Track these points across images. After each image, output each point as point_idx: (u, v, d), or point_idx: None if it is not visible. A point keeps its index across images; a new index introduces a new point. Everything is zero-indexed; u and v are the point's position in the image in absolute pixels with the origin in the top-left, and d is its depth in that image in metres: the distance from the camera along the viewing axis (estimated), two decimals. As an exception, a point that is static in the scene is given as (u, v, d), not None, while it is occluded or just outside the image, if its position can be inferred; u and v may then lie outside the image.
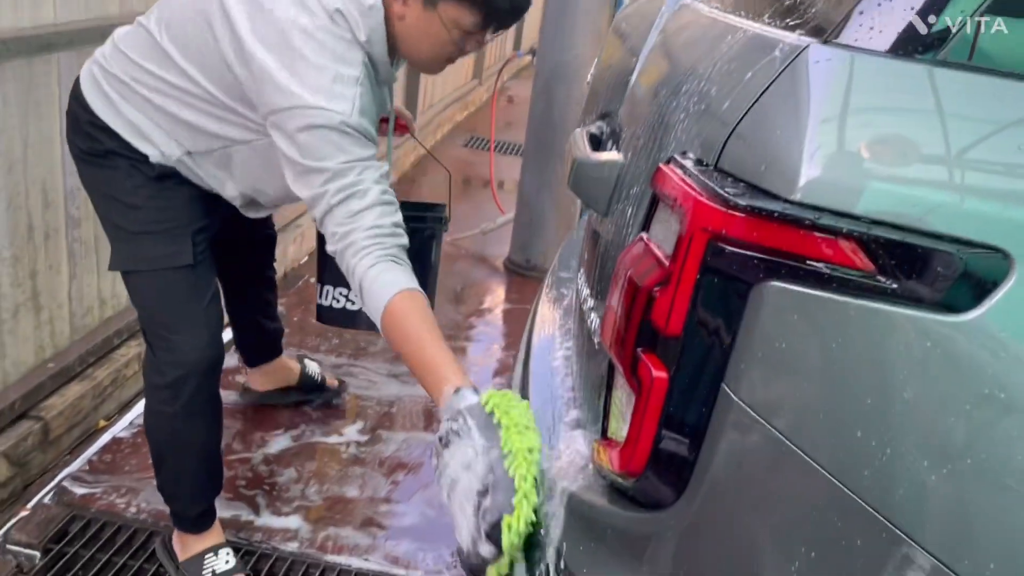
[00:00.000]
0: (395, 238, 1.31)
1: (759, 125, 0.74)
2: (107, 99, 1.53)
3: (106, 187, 1.56)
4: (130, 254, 1.56)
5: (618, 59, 1.23)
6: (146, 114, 1.52)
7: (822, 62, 0.73)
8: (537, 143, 3.47)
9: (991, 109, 0.67)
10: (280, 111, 1.32)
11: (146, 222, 1.54)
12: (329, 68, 1.31)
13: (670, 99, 0.92)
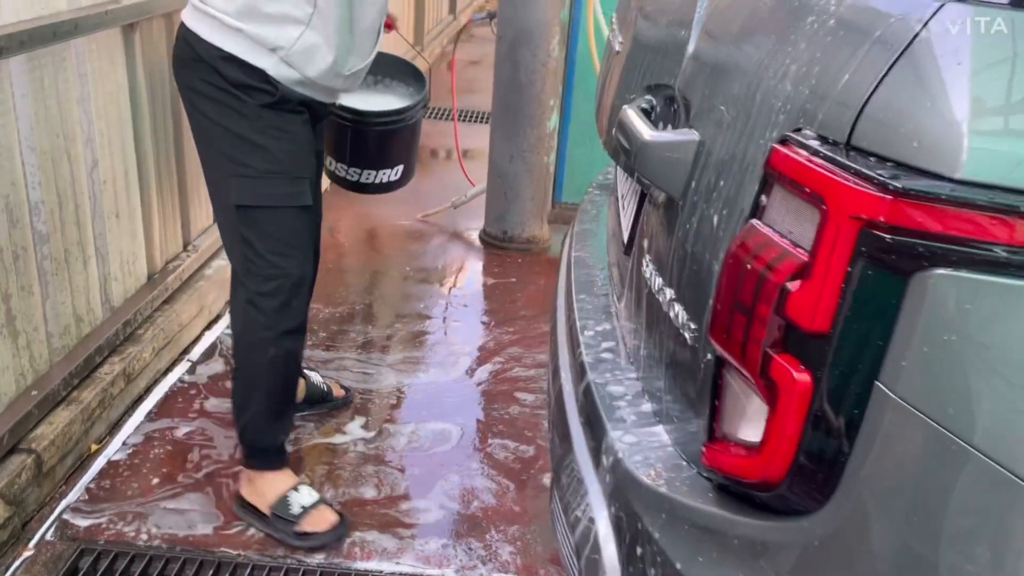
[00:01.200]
0: None
1: (898, 98, 0.67)
2: (212, 20, 1.65)
3: (233, 125, 1.69)
4: (257, 190, 1.72)
5: (660, 28, 1.15)
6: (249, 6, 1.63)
7: (961, 23, 0.66)
8: (505, 109, 3.37)
9: None
10: None
11: (273, 162, 1.71)
12: None
13: (759, 70, 0.84)
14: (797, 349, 0.72)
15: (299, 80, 1.70)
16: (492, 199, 3.52)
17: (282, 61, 1.67)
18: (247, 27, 1.63)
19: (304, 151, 1.79)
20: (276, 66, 1.67)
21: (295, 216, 1.77)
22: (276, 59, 1.66)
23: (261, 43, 1.65)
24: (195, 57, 1.69)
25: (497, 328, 2.92)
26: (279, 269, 1.75)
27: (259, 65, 1.66)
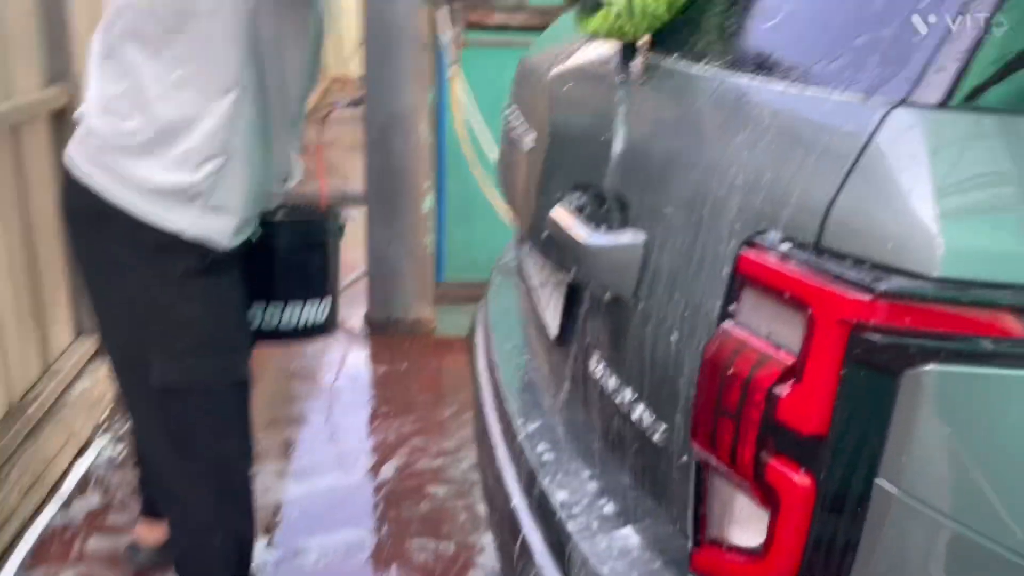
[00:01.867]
0: None
1: (863, 203, 0.70)
2: (113, 172, 1.42)
3: (154, 296, 1.46)
4: (185, 369, 1.48)
5: (578, 125, 1.16)
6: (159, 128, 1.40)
7: (910, 128, 0.70)
8: (380, 194, 3.34)
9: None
10: None
11: (204, 334, 1.49)
12: None
13: (704, 175, 0.86)
14: (794, 452, 0.72)
15: (232, 228, 1.47)
16: (374, 284, 3.45)
17: (205, 211, 1.44)
18: (157, 176, 1.41)
19: (240, 315, 1.58)
20: (199, 219, 1.43)
21: (231, 393, 1.55)
22: (196, 211, 1.43)
23: (175, 194, 1.42)
24: (99, 214, 1.44)
25: (395, 419, 2.83)
26: (216, 460, 1.55)
27: (177, 226, 1.42)
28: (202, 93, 1.39)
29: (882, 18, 0.77)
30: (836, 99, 0.76)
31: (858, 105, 0.74)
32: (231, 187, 1.45)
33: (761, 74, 0.86)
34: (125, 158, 1.42)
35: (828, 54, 0.80)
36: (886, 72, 0.74)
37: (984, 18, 0.70)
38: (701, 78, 0.94)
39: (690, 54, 0.98)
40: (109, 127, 1.43)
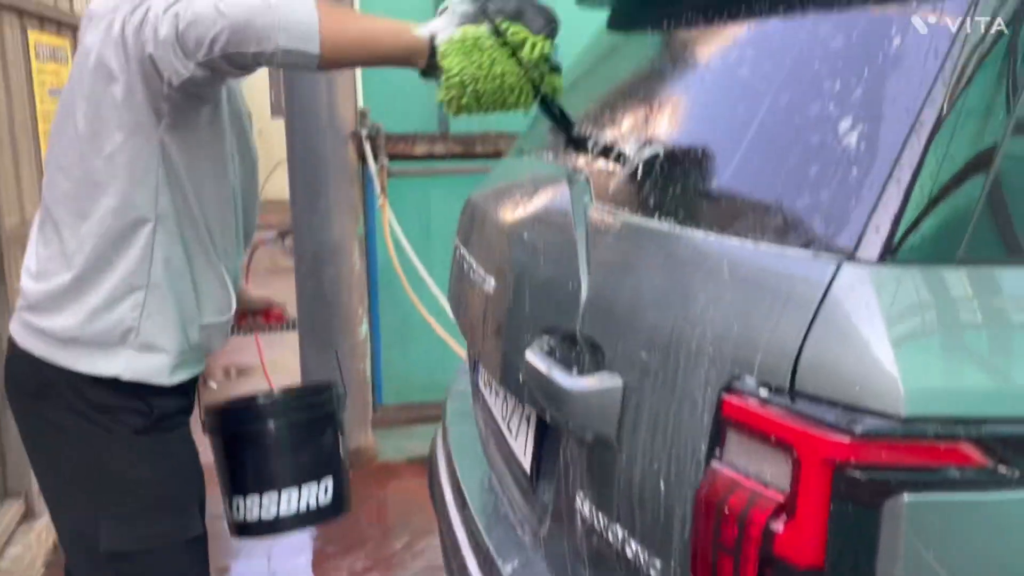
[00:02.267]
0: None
1: (827, 351, 0.79)
2: (43, 334, 1.43)
3: (100, 457, 1.44)
4: (135, 531, 1.44)
5: (541, 269, 1.24)
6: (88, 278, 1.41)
7: (861, 281, 0.80)
8: (313, 324, 3.35)
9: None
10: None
11: (154, 494, 1.46)
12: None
13: (676, 321, 0.94)
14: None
15: (168, 364, 1.45)
16: (311, 415, 3.40)
17: (138, 350, 1.42)
18: (85, 323, 1.41)
19: (192, 469, 1.54)
20: (132, 360, 1.42)
21: (185, 550, 1.49)
22: (129, 351, 1.42)
23: (103, 338, 1.42)
24: (41, 383, 1.44)
25: (343, 557, 2.76)
26: None
27: (111, 371, 1.41)
28: (116, 230, 1.40)
29: (822, 177, 0.88)
30: (792, 254, 0.86)
31: (812, 260, 0.84)
32: (159, 322, 1.44)
33: (715, 230, 0.96)
34: (54, 315, 1.42)
35: (778, 211, 0.91)
36: (832, 229, 0.85)
37: (908, 181, 0.82)
38: (658, 232, 1.04)
39: (646, 209, 1.09)
40: (40, 289, 1.44)
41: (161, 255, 1.43)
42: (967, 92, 0.83)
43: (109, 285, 1.41)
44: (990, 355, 0.78)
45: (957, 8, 0.86)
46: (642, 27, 1.50)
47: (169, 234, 1.44)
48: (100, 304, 1.41)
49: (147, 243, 1.41)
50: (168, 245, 1.44)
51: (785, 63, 1.01)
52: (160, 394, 1.47)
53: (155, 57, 1.29)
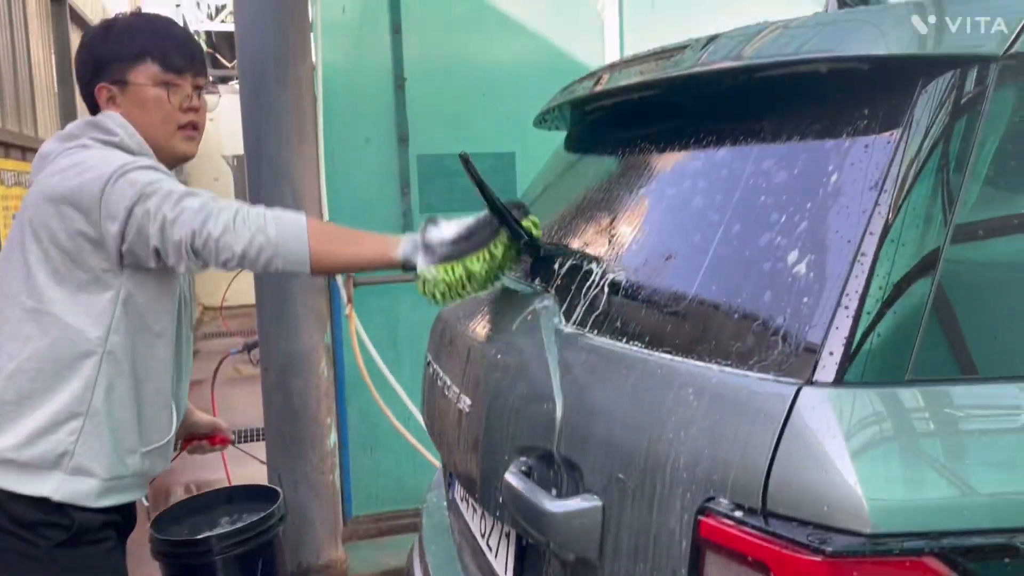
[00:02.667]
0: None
1: (794, 472, 0.83)
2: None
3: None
4: None
5: (516, 390, 1.28)
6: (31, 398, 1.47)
7: (820, 403, 0.86)
8: (281, 438, 3.31)
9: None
10: (102, 191, 1.45)
11: None
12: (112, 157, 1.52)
13: (650, 443, 0.98)
14: None
15: (99, 489, 1.51)
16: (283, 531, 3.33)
17: (70, 473, 1.48)
18: (11, 446, 1.45)
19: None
20: (63, 483, 1.47)
21: None
22: (61, 475, 1.47)
23: (38, 462, 1.46)
24: None
25: None
26: None
27: (41, 493, 1.45)
28: (63, 360, 1.48)
29: (777, 304, 0.95)
30: (754, 378, 0.92)
31: (773, 383, 0.89)
32: (95, 447, 1.50)
33: (680, 353, 1.02)
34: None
35: (738, 336, 0.97)
36: (790, 354, 0.91)
37: (855, 307, 0.88)
38: (626, 355, 1.09)
39: (614, 331, 1.14)
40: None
41: (104, 385, 1.51)
42: (903, 220, 0.91)
43: (50, 411, 1.47)
44: (947, 470, 0.83)
45: (887, 141, 0.96)
46: (598, 150, 1.59)
47: (116, 366, 1.53)
48: (38, 429, 1.47)
49: (92, 374, 1.50)
50: (113, 376, 1.52)
51: (735, 194, 1.09)
52: (84, 510, 1.51)
53: (159, 249, 1.48)
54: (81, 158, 1.51)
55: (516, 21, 3.54)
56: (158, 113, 1.61)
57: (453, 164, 3.50)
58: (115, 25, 1.65)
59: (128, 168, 1.48)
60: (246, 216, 1.47)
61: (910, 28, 1.01)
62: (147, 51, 1.60)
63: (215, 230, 1.45)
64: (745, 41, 1.15)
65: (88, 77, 1.62)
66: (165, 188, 1.48)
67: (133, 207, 1.45)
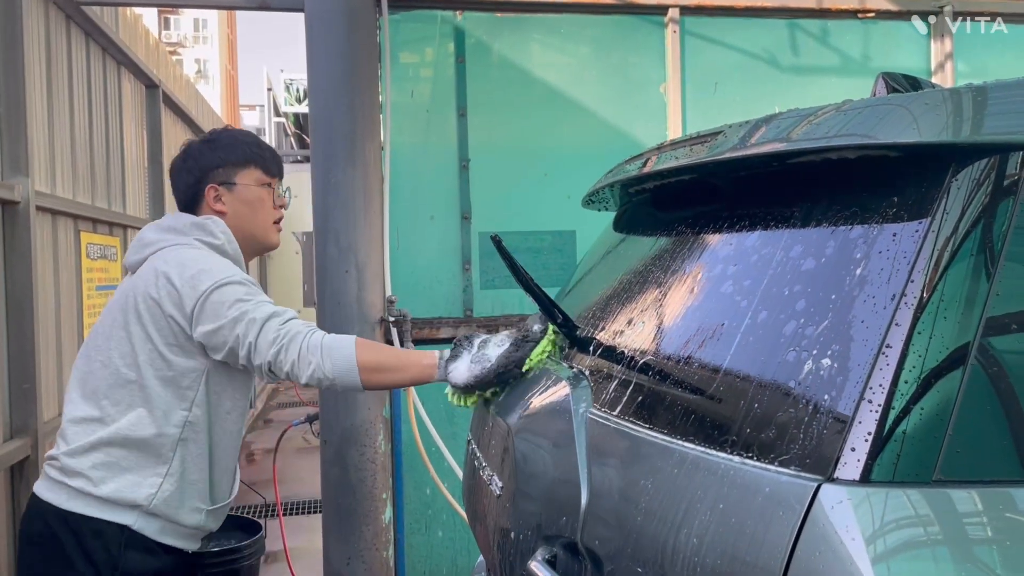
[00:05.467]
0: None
1: (811, 569, 0.79)
2: (68, 488, 1.71)
3: None
4: None
5: (545, 478, 1.27)
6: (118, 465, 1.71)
7: (839, 502, 0.81)
8: (337, 511, 3.32)
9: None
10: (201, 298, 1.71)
11: None
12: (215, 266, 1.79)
13: (668, 533, 0.95)
14: None
15: (161, 528, 1.73)
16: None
17: (144, 515, 1.71)
18: (105, 492, 1.69)
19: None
20: (138, 519, 1.71)
21: None
22: (138, 513, 1.70)
23: (121, 502, 1.69)
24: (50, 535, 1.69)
25: None
26: None
27: (124, 522, 1.70)
28: (152, 430, 1.72)
29: (799, 397, 0.92)
30: (774, 472, 0.88)
31: (793, 479, 0.86)
32: (168, 503, 1.73)
33: (703, 444, 0.99)
34: (82, 477, 1.70)
35: (760, 429, 0.94)
36: (811, 449, 0.87)
37: (881, 403, 0.85)
38: (651, 443, 1.07)
39: (641, 418, 1.12)
40: (73, 452, 1.72)
41: (183, 451, 1.74)
42: (931, 312, 0.88)
43: (136, 468, 1.71)
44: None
45: (916, 229, 0.93)
46: (638, 232, 1.59)
47: (195, 435, 1.76)
48: (126, 484, 1.71)
49: (174, 441, 1.73)
50: (191, 443, 1.75)
51: (763, 280, 1.07)
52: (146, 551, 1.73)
53: (245, 365, 1.75)
54: (190, 256, 1.77)
55: (579, 103, 3.61)
56: (261, 210, 1.93)
57: (513, 242, 3.55)
58: (219, 138, 1.96)
59: (228, 281, 1.74)
60: (307, 350, 1.71)
61: (943, 114, 1.00)
62: (252, 159, 1.92)
63: (285, 364, 1.71)
64: (779, 126, 1.15)
65: (192, 180, 1.90)
66: (251, 312, 1.72)
67: (224, 325, 1.71)
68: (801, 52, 3.75)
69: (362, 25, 3.26)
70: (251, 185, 1.91)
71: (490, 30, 3.55)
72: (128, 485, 1.70)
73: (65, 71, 3.17)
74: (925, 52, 3.78)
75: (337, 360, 1.70)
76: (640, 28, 3.63)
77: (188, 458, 1.75)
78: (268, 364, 1.71)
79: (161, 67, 4.66)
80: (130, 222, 3.85)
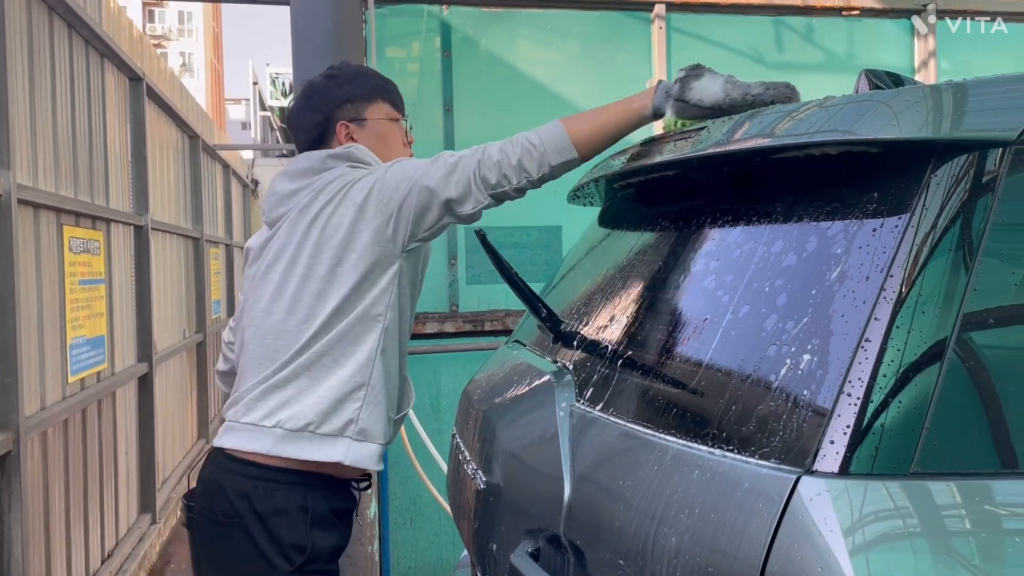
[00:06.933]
0: None
1: (791, 561, 0.80)
2: (268, 432, 1.61)
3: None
4: None
5: (528, 471, 1.27)
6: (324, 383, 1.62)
7: (817, 494, 0.82)
8: (322, 506, 3.31)
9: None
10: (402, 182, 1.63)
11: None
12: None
13: (651, 525, 0.96)
14: None
15: (377, 453, 1.67)
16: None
17: (354, 439, 1.63)
18: (312, 419, 1.61)
19: None
20: (351, 448, 1.63)
21: None
22: (348, 440, 1.62)
23: (331, 431, 1.61)
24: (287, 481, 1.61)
25: None
26: None
27: (335, 458, 1.61)
28: (352, 333, 1.63)
29: (779, 391, 0.92)
30: (754, 465, 0.89)
31: (773, 472, 0.86)
32: (373, 415, 1.65)
33: (684, 437, 1.00)
34: (284, 409, 1.62)
35: (740, 422, 0.95)
36: (791, 442, 0.88)
37: (859, 396, 0.86)
38: (634, 436, 1.07)
39: (624, 412, 1.13)
40: (266, 391, 1.64)
41: (381, 357, 1.66)
42: (910, 306, 0.89)
43: (340, 383, 1.62)
44: (950, 570, 0.79)
45: (896, 225, 0.94)
46: (623, 227, 1.60)
47: (390, 339, 1.68)
48: (334, 401, 1.61)
49: (374, 347, 1.65)
50: (387, 347, 1.67)
51: (745, 275, 1.08)
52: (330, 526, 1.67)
53: (452, 199, 1.63)
54: (353, 175, 1.67)
55: (565, 98, 3.61)
56: (395, 144, 1.83)
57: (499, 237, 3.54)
58: (342, 73, 1.85)
59: (394, 162, 1.67)
60: (504, 146, 1.63)
61: (923, 111, 1.00)
62: (378, 92, 1.83)
63: (495, 155, 1.61)
64: (761, 122, 1.16)
65: (320, 118, 1.80)
66: (424, 163, 1.65)
67: (408, 185, 1.62)
68: (787, 49, 3.77)
69: (348, 19, 3.25)
70: (383, 119, 1.82)
71: (477, 25, 3.55)
72: (335, 409, 1.61)
73: (47, 63, 3.14)
74: (909, 50, 3.80)
75: (541, 129, 1.63)
76: (627, 24, 3.64)
77: (385, 364, 1.67)
78: (476, 168, 1.62)
79: (145, 60, 4.62)
80: (113, 216, 3.82)
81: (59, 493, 3.14)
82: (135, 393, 4.28)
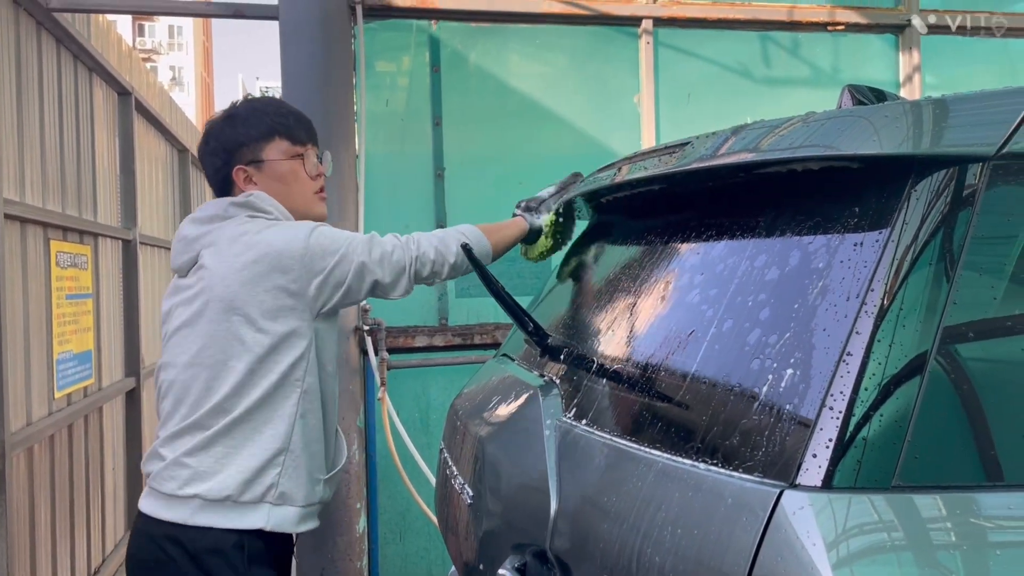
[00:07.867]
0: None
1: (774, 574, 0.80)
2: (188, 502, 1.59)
3: None
4: None
5: (513, 484, 1.27)
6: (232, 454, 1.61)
7: (801, 507, 0.83)
8: (311, 521, 3.29)
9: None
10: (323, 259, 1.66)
11: None
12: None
13: (637, 539, 0.96)
14: None
15: (298, 516, 1.66)
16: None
17: (274, 503, 1.62)
18: (233, 488, 1.60)
19: None
20: (271, 513, 1.61)
21: None
22: (268, 506, 1.62)
23: (252, 499, 1.60)
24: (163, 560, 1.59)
25: None
26: None
27: (256, 525, 1.60)
28: (271, 403, 1.62)
29: (763, 405, 0.93)
30: (738, 479, 0.89)
31: (756, 486, 0.87)
32: (294, 479, 1.64)
33: (669, 451, 1.00)
34: (206, 480, 1.61)
35: (724, 436, 0.95)
36: (774, 456, 0.88)
37: (841, 410, 0.86)
38: (620, 450, 1.07)
39: (610, 427, 1.13)
40: (186, 459, 1.62)
41: (301, 422, 1.66)
42: (891, 320, 0.89)
43: (258, 450, 1.61)
44: (932, 583, 0.79)
45: (876, 240, 0.94)
46: (608, 241, 1.61)
47: (311, 401, 1.66)
48: (255, 469, 1.61)
49: (293, 411, 1.64)
50: (307, 412, 1.67)
51: (728, 290, 1.08)
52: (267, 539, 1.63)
53: (382, 283, 1.71)
54: (254, 228, 1.65)
55: (554, 113, 3.63)
56: (296, 183, 1.78)
57: (488, 251, 3.52)
58: (236, 113, 1.78)
59: (315, 227, 1.68)
60: (431, 239, 1.76)
61: (904, 127, 1.02)
62: (274, 130, 1.76)
63: (430, 254, 1.73)
64: (745, 137, 1.17)
65: (219, 164, 1.75)
66: (355, 240, 1.70)
67: (339, 260, 1.65)
68: (773, 64, 3.80)
69: (337, 34, 3.26)
70: (280, 159, 1.75)
71: (465, 40, 3.56)
72: (257, 476, 1.62)
73: (35, 77, 3.13)
74: (894, 64, 3.84)
75: (465, 231, 1.77)
76: (615, 39, 3.66)
77: (306, 428, 1.66)
78: (412, 261, 1.71)
79: (134, 74, 4.62)
80: (101, 230, 3.81)
81: (45, 509, 3.12)
82: (122, 408, 4.25)
